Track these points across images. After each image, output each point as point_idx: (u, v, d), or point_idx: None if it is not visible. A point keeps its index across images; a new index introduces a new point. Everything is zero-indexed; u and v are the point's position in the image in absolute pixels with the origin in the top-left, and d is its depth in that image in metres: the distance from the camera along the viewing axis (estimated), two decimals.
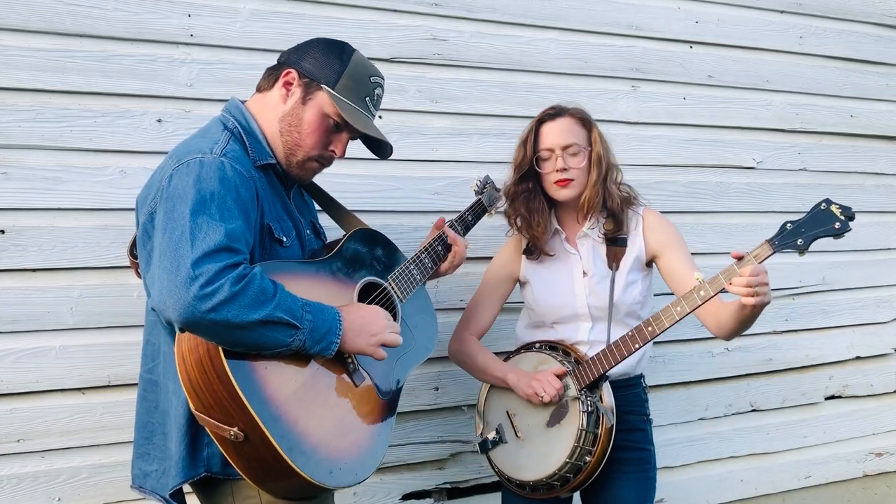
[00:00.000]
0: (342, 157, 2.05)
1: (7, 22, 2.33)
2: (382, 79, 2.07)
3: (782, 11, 3.50)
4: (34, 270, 2.37)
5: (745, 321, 2.24)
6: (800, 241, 2.07)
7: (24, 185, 2.35)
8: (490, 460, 2.50)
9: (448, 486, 2.96)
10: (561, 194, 2.41)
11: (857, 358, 3.70)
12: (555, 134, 2.40)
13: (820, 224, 2.07)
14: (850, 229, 2.07)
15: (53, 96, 2.38)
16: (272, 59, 2.10)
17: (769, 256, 2.09)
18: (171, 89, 2.51)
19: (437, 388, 2.91)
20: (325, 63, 1.97)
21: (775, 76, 3.49)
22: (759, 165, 3.47)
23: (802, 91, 3.54)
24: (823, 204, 2.09)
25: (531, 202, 2.46)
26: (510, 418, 2.46)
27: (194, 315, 1.65)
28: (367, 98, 2.02)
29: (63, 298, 2.40)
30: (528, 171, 2.45)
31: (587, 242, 2.47)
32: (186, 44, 2.53)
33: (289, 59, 2.02)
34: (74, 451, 2.43)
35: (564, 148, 2.38)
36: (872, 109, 3.70)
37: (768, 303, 2.11)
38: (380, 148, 2.13)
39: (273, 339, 1.73)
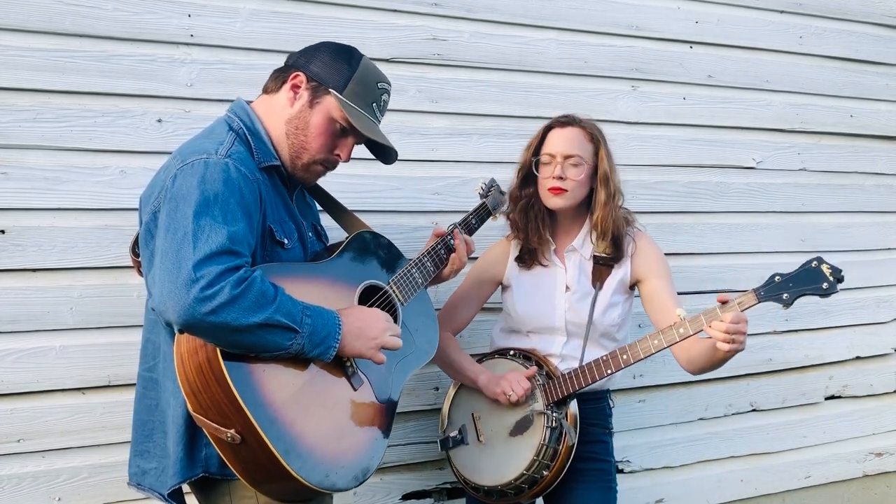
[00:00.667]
0: (347, 161, 2.06)
1: (7, 22, 2.32)
2: (389, 85, 2.07)
3: (782, 11, 3.50)
4: (34, 270, 2.37)
5: (714, 363, 2.23)
6: (785, 295, 2.07)
7: (24, 185, 2.35)
8: (450, 460, 2.50)
9: (448, 486, 2.96)
10: (551, 202, 2.39)
11: (857, 358, 3.70)
12: (560, 141, 2.38)
13: (808, 282, 2.06)
14: (838, 291, 2.07)
15: (53, 96, 2.38)
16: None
17: (753, 306, 2.08)
18: (171, 89, 2.50)
19: (437, 388, 2.91)
20: (334, 67, 1.97)
21: (775, 76, 3.48)
22: (758, 165, 3.46)
23: (802, 91, 3.54)
24: (815, 262, 2.07)
25: (530, 210, 2.45)
26: (474, 421, 2.46)
27: (194, 317, 1.65)
28: (374, 104, 2.02)
29: (63, 298, 2.40)
30: (529, 175, 2.44)
31: (574, 257, 2.46)
32: (186, 44, 2.53)
33: (297, 62, 2.01)
34: (74, 451, 2.43)
35: (566, 157, 2.36)
36: (872, 109, 3.69)
37: (742, 350, 2.10)
38: (384, 153, 2.12)
39: (272, 343, 1.74)
